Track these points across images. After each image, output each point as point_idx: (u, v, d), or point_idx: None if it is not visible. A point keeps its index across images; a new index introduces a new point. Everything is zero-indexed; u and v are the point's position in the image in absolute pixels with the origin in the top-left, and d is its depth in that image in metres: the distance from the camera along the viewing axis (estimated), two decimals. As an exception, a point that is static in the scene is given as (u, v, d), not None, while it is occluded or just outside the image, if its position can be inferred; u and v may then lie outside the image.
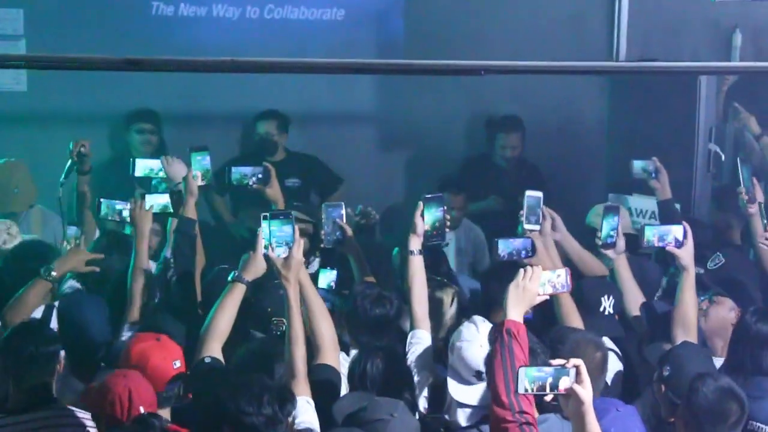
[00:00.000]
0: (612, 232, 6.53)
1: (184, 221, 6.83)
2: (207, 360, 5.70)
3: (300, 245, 5.60)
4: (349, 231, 6.63)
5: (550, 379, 4.41)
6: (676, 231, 6.34)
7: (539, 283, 4.95)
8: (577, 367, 4.44)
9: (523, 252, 6.20)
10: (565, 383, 4.41)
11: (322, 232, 6.61)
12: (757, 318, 6.09)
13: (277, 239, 5.61)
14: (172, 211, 6.91)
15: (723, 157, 9.07)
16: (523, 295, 4.88)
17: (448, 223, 6.31)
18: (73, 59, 6.37)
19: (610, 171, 9.48)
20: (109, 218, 6.98)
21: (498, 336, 4.77)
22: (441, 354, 5.88)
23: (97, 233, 7.47)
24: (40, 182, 8.07)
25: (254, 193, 7.15)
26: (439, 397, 5.71)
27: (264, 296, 6.21)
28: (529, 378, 4.45)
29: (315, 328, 5.73)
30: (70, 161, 7.59)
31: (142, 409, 5.07)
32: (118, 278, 6.69)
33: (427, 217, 6.15)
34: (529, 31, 9.54)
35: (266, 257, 5.66)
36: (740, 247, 7.79)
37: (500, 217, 8.51)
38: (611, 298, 6.55)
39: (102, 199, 6.97)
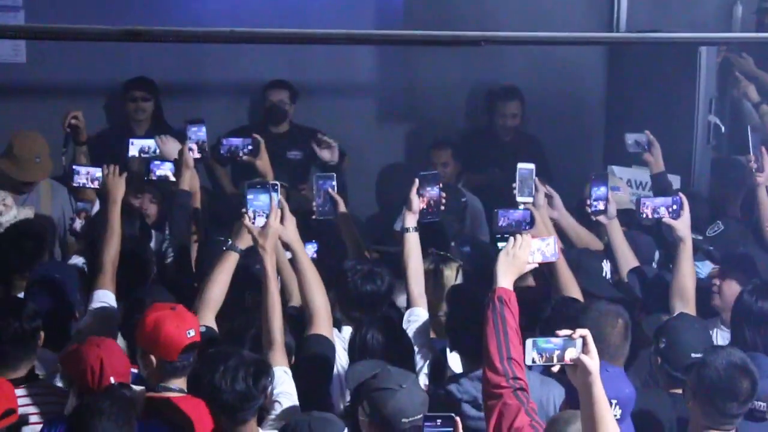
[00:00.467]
0: (600, 199, 6.58)
1: (180, 193, 6.82)
2: (201, 329, 5.64)
3: (277, 214, 5.62)
4: (342, 203, 6.62)
5: (557, 350, 4.41)
6: (672, 202, 6.38)
7: (529, 251, 5.02)
8: (583, 338, 4.42)
9: (523, 224, 6.23)
10: (571, 354, 4.40)
11: (314, 203, 6.59)
12: (757, 295, 6.11)
13: (255, 208, 5.63)
14: (174, 180, 6.91)
15: (723, 129, 9.06)
16: (513, 262, 4.96)
17: (444, 201, 6.32)
18: (72, 30, 6.40)
19: (609, 143, 9.46)
20: (85, 185, 6.96)
21: (490, 303, 4.83)
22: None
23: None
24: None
25: (246, 164, 7.15)
26: (440, 372, 5.75)
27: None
28: (536, 349, 4.44)
29: (308, 298, 5.75)
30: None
31: (112, 380, 5.09)
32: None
33: (423, 194, 6.18)
34: (530, 2, 9.51)
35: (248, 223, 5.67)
36: (739, 219, 7.79)
37: (500, 189, 8.51)
38: (608, 262, 6.62)
39: (75, 166, 6.95)
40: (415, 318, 5.95)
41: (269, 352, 5.40)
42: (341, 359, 5.86)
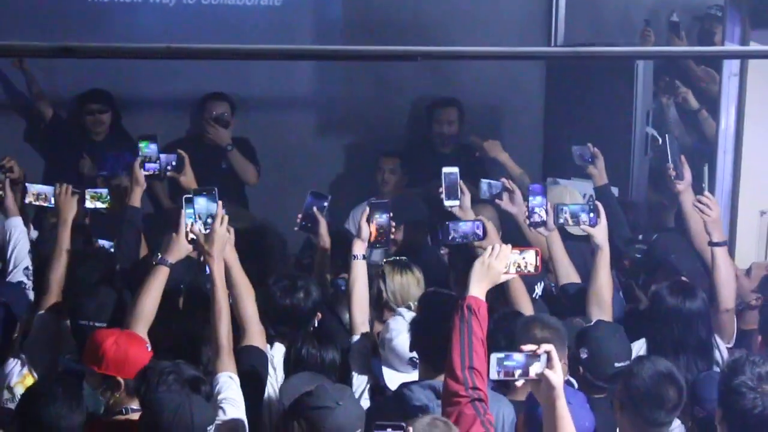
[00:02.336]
0: (538, 210, 6.60)
1: (130, 210, 6.81)
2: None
3: (223, 221, 5.61)
4: (323, 225, 6.60)
5: (521, 365, 4.45)
6: (589, 209, 6.45)
7: (505, 262, 4.95)
8: (548, 353, 4.47)
9: (473, 235, 6.26)
10: (536, 369, 4.44)
11: (299, 216, 6.61)
12: (670, 292, 6.20)
13: (201, 215, 5.63)
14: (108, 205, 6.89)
15: (660, 141, 9.12)
16: (488, 272, 4.89)
17: (393, 229, 6.34)
18: (8, 47, 6.33)
19: (547, 155, 9.52)
20: (35, 203, 6.90)
21: (458, 311, 4.80)
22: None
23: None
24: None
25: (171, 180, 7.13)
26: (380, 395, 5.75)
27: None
28: (500, 364, 4.48)
29: (240, 309, 5.74)
30: None
31: None
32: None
33: (373, 222, 6.20)
34: (467, 16, 9.54)
35: (190, 232, 5.70)
36: (674, 229, 7.86)
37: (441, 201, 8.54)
38: (542, 283, 6.64)
39: (28, 185, 6.90)
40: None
41: (216, 358, 5.43)
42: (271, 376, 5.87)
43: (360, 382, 5.78)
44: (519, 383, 4.54)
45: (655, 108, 9.08)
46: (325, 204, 6.60)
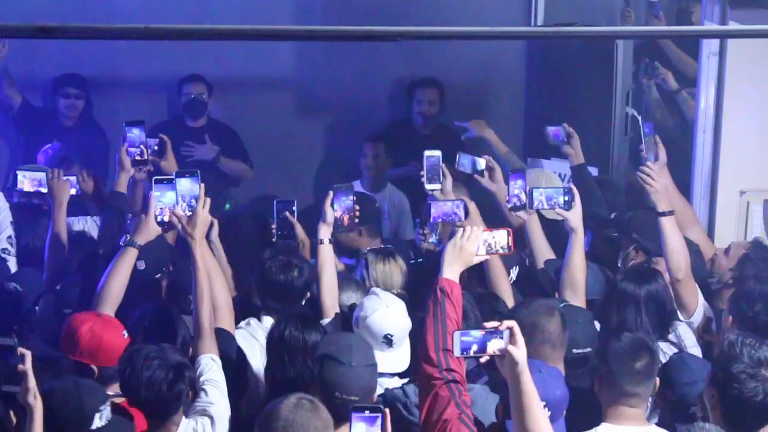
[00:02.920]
0: (517, 194, 6.63)
1: (114, 195, 6.86)
2: None
3: (205, 203, 5.62)
4: (299, 228, 6.69)
5: (485, 341, 4.47)
6: (564, 193, 6.47)
7: (477, 243, 4.96)
8: (510, 329, 4.49)
9: (455, 215, 6.28)
10: (499, 345, 4.46)
11: (273, 227, 6.68)
12: (623, 277, 6.26)
13: (185, 197, 5.62)
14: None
15: (640, 121, 9.13)
16: (460, 254, 4.91)
17: (358, 213, 6.42)
18: (-16, 26, 6.27)
19: (528, 136, 9.52)
20: (27, 189, 6.88)
21: (432, 293, 4.82)
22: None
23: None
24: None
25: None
26: None
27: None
28: (463, 341, 4.50)
29: (213, 293, 5.72)
30: None
31: None
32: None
33: (337, 206, 6.27)
34: (448, -4, 9.55)
35: (173, 215, 5.70)
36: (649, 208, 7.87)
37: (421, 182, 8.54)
38: (517, 268, 6.67)
39: (19, 171, 6.88)
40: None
41: (198, 340, 5.45)
42: (256, 351, 5.90)
43: None
44: (483, 359, 4.56)
45: (634, 88, 9.08)
46: (294, 208, 6.66)
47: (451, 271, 4.88)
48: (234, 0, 9.24)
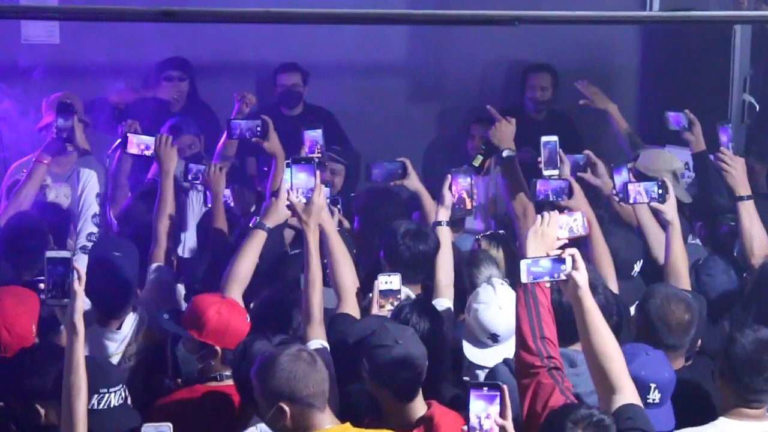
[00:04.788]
0: (623, 185, 6.61)
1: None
2: None
3: (321, 190, 5.64)
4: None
5: (550, 268, 4.71)
6: (658, 186, 6.44)
7: (557, 227, 5.01)
8: (572, 256, 4.69)
9: (561, 194, 6.28)
10: (563, 270, 4.69)
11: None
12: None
13: (298, 184, 5.64)
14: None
15: (758, 108, 9.00)
16: (542, 240, 4.92)
17: (474, 197, 6.47)
18: (107, 10, 6.38)
19: (642, 123, 9.42)
20: (134, 151, 6.95)
21: (521, 283, 4.83)
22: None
23: None
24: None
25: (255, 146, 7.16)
26: (457, 363, 5.76)
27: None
28: (529, 269, 4.71)
29: (337, 276, 5.78)
30: None
31: None
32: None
33: (455, 189, 6.30)
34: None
35: (288, 202, 5.70)
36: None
37: (533, 168, 8.51)
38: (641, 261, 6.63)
39: (130, 135, 6.95)
40: (440, 308, 5.91)
41: (307, 327, 5.46)
42: None
43: None
44: (547, 284, 4.77)
45: (752, 74, 8.94)
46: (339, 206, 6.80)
47: None
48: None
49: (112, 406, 4.77)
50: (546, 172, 6.63)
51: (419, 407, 4.96)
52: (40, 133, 7.64)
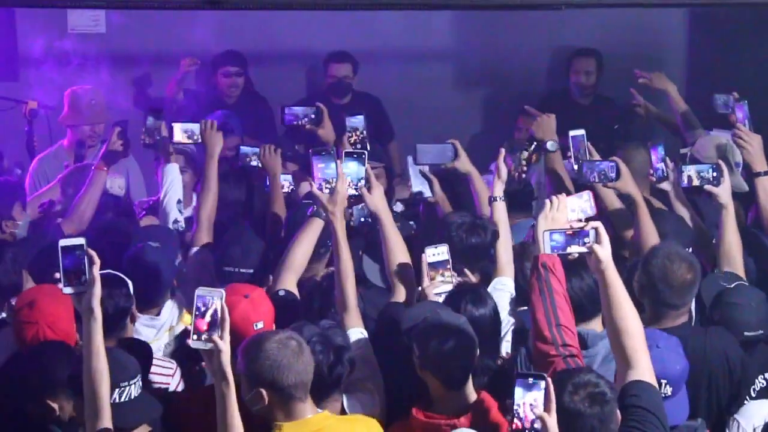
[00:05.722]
0: (660, 165, 6.63)
1: None
2: (281, 293, 5.72)
3: (344, 180, 5.56)
4: (434, 181, 6.68)
5: (572, 240, 4.71)
6: (713, 169, 6.40)
7: (567, 211, 5.01)
8: (596, 229, 4.69)
9: (609, 174, 6.27)
10: (585, 243, 4.69)
11: (409, 183, 6.75)
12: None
13: (321, 174, 5.60)
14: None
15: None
16: (553, 225, 4.90)
17: (525, 169, 6.53)
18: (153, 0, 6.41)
19: (689, 106, 9.35)
20: (179, 140, 6.96)
21: (534, 271, 4.83)
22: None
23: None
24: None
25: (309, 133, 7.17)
26: (523, 341, 5.73)
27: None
28: (553, 239, 4.72)
29: (392, 267, 5.73)
30: None
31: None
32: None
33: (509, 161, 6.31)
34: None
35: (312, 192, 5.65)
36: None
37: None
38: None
39: (174, 124, 6.97)
40: (501, 286, 5.91)
41: (344, 315, 5.43)
42: None
43: (507, 323, 5.79)
44: (571, 256, 4.75)
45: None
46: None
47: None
48: (393, -29, 9.24)
49: (132, 397, 4.72)
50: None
51: (469, 395, 4.95)
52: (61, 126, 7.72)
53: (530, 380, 4.37)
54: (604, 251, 4.67)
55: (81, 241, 4.57)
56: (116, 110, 8.09)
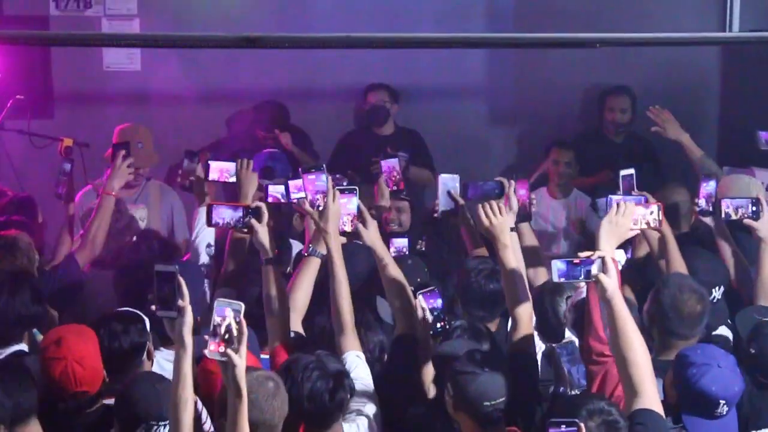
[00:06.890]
0: (706, 201, 6.62)
1: None
2: (290, 335, 5.60)
3: (335, 196, 5.51)
4: (461, 203, 6.62)
5: (579, 270, 4.77)
6: (752, 203, 6.41)
7: (632, 218, 5.17)
8: (602, 258, 4.75)
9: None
10: (591, 272, 4.76)
11: (435, 201, 6.69)
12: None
13: (313, 187, 5.52)
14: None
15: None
16: (616, 229, 5.07)
17: (534, 202, 6.57)
18: (188, 38, 6.47)
19: (723, 143, 9.35)
20: (215, 177, 6.97)
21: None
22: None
23: None
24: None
25: None
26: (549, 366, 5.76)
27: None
28: (559, 270, 4.79)
29: (391, 300, 5.63)
30: None
31: None
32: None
33: (518, 195, 6.28)
34: (638, 2, 9.42)
35: (302, 210, 5.74)
36: None
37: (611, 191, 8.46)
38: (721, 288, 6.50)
39: (211, 162, 6.98)
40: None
41: (340, 337, 5.36)
42: None
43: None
44: (579, 284, 5.00)
45: None
46: (457, 184, 6.61)
47: (609, 246, 5.02)
48: (427, 9, 9.27)
49: None
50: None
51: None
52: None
53: (563, 427, 4.40)
54: (610, 281, 4.73)
55: (174, 268, 4.58)
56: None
